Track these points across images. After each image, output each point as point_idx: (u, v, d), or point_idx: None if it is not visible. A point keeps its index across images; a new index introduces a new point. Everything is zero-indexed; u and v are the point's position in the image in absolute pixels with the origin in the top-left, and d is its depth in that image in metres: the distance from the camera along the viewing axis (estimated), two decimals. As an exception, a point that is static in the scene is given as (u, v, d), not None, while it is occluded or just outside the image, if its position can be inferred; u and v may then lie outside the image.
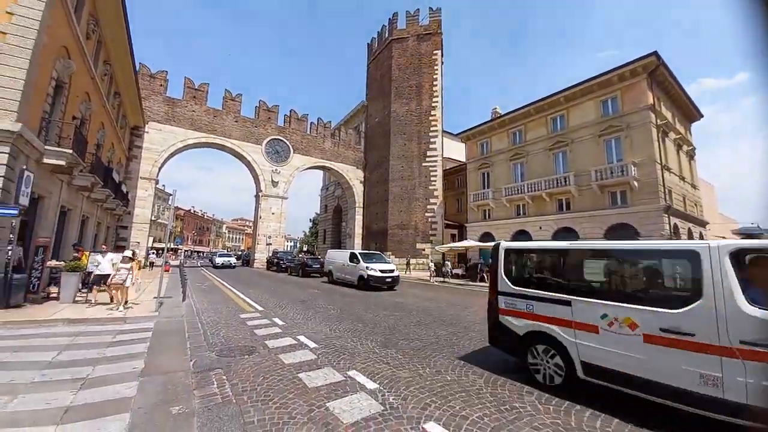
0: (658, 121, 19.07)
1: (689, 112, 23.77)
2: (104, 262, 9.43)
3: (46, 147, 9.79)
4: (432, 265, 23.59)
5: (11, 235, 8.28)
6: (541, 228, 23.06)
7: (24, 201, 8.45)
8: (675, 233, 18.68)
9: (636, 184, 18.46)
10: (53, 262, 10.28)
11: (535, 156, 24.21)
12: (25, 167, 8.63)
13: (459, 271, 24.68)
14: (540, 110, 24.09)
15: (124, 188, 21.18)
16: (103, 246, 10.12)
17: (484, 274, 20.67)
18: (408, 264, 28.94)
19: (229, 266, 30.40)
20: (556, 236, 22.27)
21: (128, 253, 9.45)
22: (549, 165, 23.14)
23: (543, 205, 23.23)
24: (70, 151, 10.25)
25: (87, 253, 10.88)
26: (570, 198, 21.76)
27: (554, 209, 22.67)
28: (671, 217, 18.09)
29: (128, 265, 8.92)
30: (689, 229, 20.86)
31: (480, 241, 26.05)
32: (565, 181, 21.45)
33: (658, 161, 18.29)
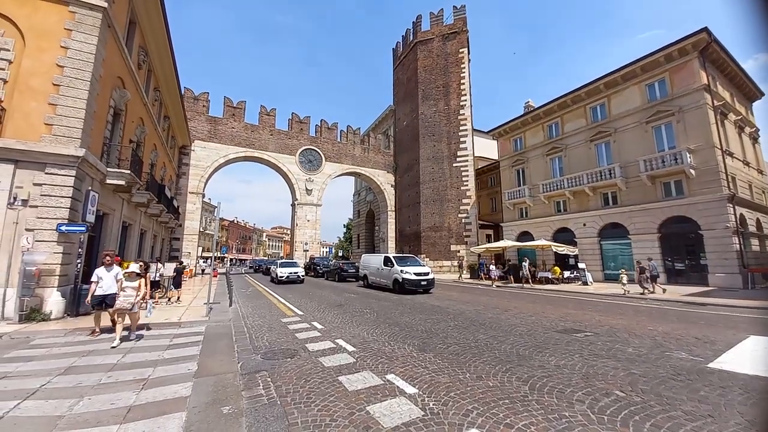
0: (715, 102, 17.27)
1: (749, 91, 21.39)
2: (107, 279, 7.01)
3: (108, 169, 10.89)
4: (494, 269, 20.58)
5: (80, 249, 9.28)
6: (585, 225, 21.70)
7: (90, 218, 9.43)
8: (742, 224, 16.74)
9: (693, 172, 16.80)
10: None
11: (575, 149, 22.90)
12: (90, 188, 9.65)
13: (497, 273, 23.81)
14: (577, 100, 22.80)
15: (175, 203, 22.95)
16: (106, 258, 7.35)
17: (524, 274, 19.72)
18: (460, 267, 27.39)
19: (296, 280, 21.38)
20: (602, 232, 20.85)
21: (135, 267, 7.16)
22: (591, 157, 21.77)
23: (586, 201, 21.86)
24: (129, 172, 11.32)
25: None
26: (616, 191, 20.28)
27: (599, 204, 21.25)
28: (736, 207, 16.24)
29: (135, 283, 6.74)
30: (758, 219, 18.61)
31: (518, 240, 25.07)
32: (610, 174, 20.05)
33: (718, 146, 16.54)
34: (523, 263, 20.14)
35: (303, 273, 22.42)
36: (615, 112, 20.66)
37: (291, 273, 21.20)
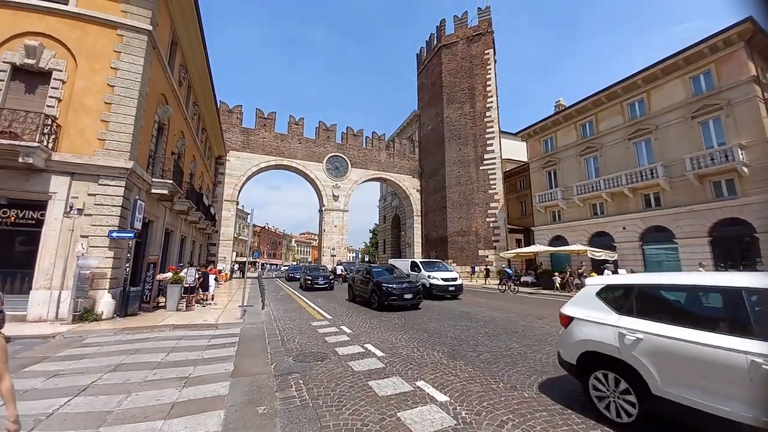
0: (765, 94, 15.84)
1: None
2: None
3: (153, 179, 11.67)
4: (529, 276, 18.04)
5: (128, 254, 9.98)
6: (625, 228, 20.45)
7: (138, 225, 10.14)
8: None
9: (745, 170, 15.41)
10: (161, 276, 11.73)
11: (611, 148, 21.72)
12: (137, 197, 10.38)
13: (528, 279, 22.98)
14: (613, 97, 21.67)
15: (212, 210, 24.19)
16: None
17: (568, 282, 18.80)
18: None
19: None
20: (644, 236, 19.55)
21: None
22: (629, 156, 20.55)
23: (625, 203, 20.62)
24: (171, 182, 12.08)
25: None
26: (659, 192, 18.97)
27: (640, 206, 19.96)
28: (799, 208, 14.67)
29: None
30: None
31: (550, 245, 24.05)
32: (652, 174, 18.79)
33: (774, 141, 15.09)
34: (507, 270, 19.33)
35: None
36: (656, 108, 19.42)
37: None
